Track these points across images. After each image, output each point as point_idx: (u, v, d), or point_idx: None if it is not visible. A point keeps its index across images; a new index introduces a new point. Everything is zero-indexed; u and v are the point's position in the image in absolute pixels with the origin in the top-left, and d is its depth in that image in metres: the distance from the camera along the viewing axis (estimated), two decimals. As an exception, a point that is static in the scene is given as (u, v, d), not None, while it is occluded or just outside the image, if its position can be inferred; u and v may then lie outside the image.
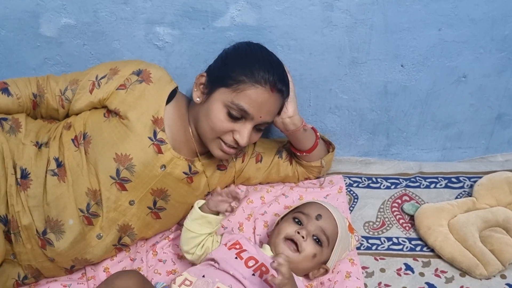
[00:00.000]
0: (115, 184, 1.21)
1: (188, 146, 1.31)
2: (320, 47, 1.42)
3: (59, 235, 1.19)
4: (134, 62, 1.29)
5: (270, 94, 1.19)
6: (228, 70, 1.21)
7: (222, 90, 1.20)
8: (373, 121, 1.59)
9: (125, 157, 1.20)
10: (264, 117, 1.21)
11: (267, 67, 1.19)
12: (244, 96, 1.18)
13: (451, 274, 1.29)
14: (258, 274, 1.14)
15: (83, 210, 1.21)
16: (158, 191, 1.26)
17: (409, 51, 1.43)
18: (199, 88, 1.26)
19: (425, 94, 1.52)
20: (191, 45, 1.41)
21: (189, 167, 1.29)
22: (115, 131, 1.22)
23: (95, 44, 1.41)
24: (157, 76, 1.26)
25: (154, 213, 1.29)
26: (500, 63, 1.46)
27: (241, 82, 1.18)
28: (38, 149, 1.23)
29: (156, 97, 1.25)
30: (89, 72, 1.29)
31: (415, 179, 1.56)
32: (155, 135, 1.23)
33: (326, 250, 1.22)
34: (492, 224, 1.36)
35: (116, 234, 1.26)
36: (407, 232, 1.41)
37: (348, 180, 1.57)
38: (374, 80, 1.49)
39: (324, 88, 1.51)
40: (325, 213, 1.24)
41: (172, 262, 1.33)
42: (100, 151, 1.21)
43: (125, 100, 1.23)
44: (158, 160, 1.23)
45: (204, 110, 1.23)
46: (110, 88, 1.25)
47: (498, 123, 1.60)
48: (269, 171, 1.49)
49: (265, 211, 1.45)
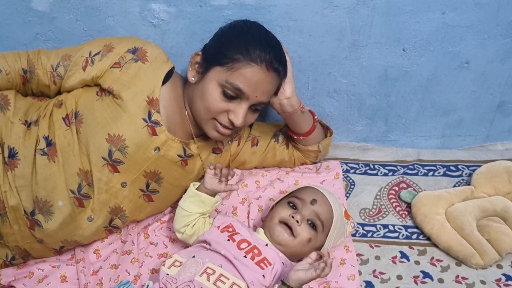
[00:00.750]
0: (107, 165, 1.18)
1: (183, 128, 1.28)
2: (320, 29, 1.38)
3: (47, 216, 1.17)
4: (130, 39, 1.25)
5: (266, 73, 1.16)
6: (223, 48, 1.17)
7: (217, 69, 1.17)
8: (372, 106, 1.56)
9: (117, 138, 1.17)
10: (259, 97, 1.18)
11: (263, 46, 1.16)
12: (239, 75, 1.14)
13: (447, 263, 1.27)
14: (250, 256, 1.13)
15: (74, 191, 1.18)
16: (151, 174, 1.23)
17: (411, 35, 1.39)
18: (194, 67, 1.23)
19: (426, 80, 1.49)
20: (187, 23, 1.37)
21: (184, 149, 1.26)
22: (108, 111, 1.19)
23: (88, 20, 1.37)
24: (153, 55, 1.23)
25: (146, 196, 1.26)
26: (504, 50, 1.43)
27: (236, 60, 1.15)
28: (27, 127, 1.19)
29: (152, 77, 1.21)
30: (82, 48, 1.24)
31: (413, 167, 1.54)
32: (150, 116, 1.19)
33: (321, 235, 1.20)
34: (489, 214, 1.34)
35: (107, 216, 1.23)
36: (403, 219, 1.39)
37: (345, 166, 1.55)
38: (375, 64, 1.46)
39: (323, 71, 1.48)
40: (320, 198, 1.22)
41: (164, 245, 1.31)
42: (92, 131, 1.18)
43: (119, 79, 1.19)
44: (152, 142, 1.20)
45: (199, 89, 1.20)
46: (104, 66, 1.21)
47: (499, 111, 1.58)
48: (265, 155, 1.46)
49: (260, 196, 1.43)
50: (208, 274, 1.08)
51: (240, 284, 1.09)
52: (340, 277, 1.22)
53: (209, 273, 1.09)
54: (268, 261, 1.14)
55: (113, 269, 1.25)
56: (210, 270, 1.09)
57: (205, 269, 1.09)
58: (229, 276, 1.09)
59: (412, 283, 1.23)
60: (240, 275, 1.10)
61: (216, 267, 1.10)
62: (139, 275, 1.23)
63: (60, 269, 1.23)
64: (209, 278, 1.08)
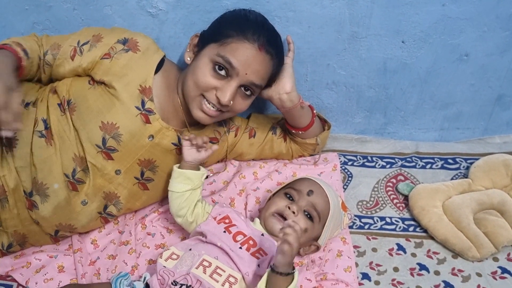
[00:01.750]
0: (101, 153, 1.18)
1: (177, 116, 1.28)
2: (319, 20, 1.37)
3: (44, 198, 1.17)
4: (118, 30, 1.25)
5: (258, 52, 1.16)
6: (219, 27, 1.20)
7: (210, 46, 1.18)
8: (370, 98, 1.55)
9: (111, 126, 1.17)
10: (249, 75, 1.17)
11: (258, 28, 1.18)
12: (230, 49, 1.15)
13: (443, 256, 1.28)
14: (245, 247, 1.14)
15: (69, 175, 1.18)
16: (145, 162, 1.23)
17: (411, 27, 1.38)
18: (192, 49, 1.24)
19: (425, 72, 1.48)
20: (185, 13, 1.36)
21: (178, 138, 1.26)
22: (101, 99, 1.19)
23: (85, 9, 1.36)
24: (144, 45, 1.22)
25: (141, 184, 1.26)
26: (503, 42, 1.42)
27: (229, 36, 1.16)
28: (24, 107, 1.18)
29: (144, 66, 1.21)
30: (70, 37, 1.23)
31: (411, 159, 1.53)
32: (143, 105, 1.19)
33: (318, 226, 1.21)
34: (487, 207, 1.35)
35: (101, 202, 1.23)
36: (400, 212, 1.39)
37: (343, 158, 1.54)
38: (374, 56, 1.45)
39: (322, 63, 1.47)
40: (317, 189, 1.22)
41: (161, 236, 1.31)
42: (85, 119, 1.18)
43: (110, 70, 1.19)
44: (146, 130, 1.20)
45: (192, 68, 1.21)
46: (93, 57, 1.20)
47: (498, 104, 1.57)
48: (262, 147, 1.46)
49: (258, 187, 1.42)
50: (204, 266, 1.09)
51: (236, 275, 1.09)
52: (337, 269, 1.23)
53: (205, 265, 1.09)
54: (263, 251, 1.14)
55: (111, 260, 1.25)
56: (206, 263, 1.09)
57: (201, 262, 1.09)
58: (225, 268, 1.09)
59: (408, 275, 1.23)
60: (236, 267, 1.10)
61: (212, 259, 1.10)
62: (136, 266, 1.23)
63: (57, 259, 1.23)
64: (205, 270, 1.08)
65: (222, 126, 1.39)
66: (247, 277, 1.09)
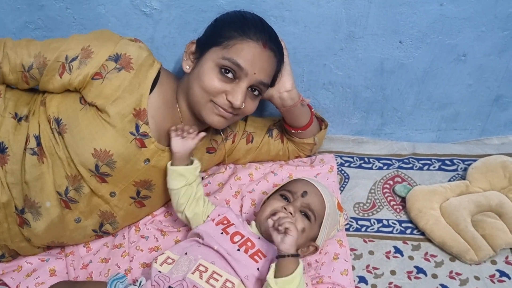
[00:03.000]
0: (95, 176, 1.14)
1: None
2: (316, 20, 1.36)
3: (36, 216, 1.14)
4: (110, 41, 1.13)
5: (263, 49, 1.14)
6: (218, 30, 1.15)
7: (212, 50, 1.14)
8: (367, 99, 1.54)
9: (104, 153, 1.11)
10: (258, 74, 1.14)
11: (258, 26, 1.15)
12: (235, 50, 1.12)
13: (441, 259, 1.26)
14: (244, 249, 1.12)
15: (61, 193, 1.14)
16: (141, 182, 1.20)
17: (408, 27, 1.37)
18: (189, 57, 1.19)
19: (423, 73, 1.47)
20: (180, 12, 1.34)
21: None
22: (94, 124, 1.11)
23: (78, 8, 1.34)
24: (138, 61, 1.13)
25: (138, 202, 1.24)
26: (501, 42, 1.41)
27: (232, 37, 1.12)
28: (17, 122, 1.14)
29: (138, 87, 1.13)
30: (58, 49, 1.12)
31: (408, 160, 1.52)
32: (138, 129, 1.13)
33: (314, 226, 1.19)
34: (484, 209, 1.33)
35: (97, 220, 1.20)
36: (397, 214, 1.38)
37: (339, 159, 1.53)
38: (371, 56, 1.43)
39: (318, 63, 1.45)
40: (311, 190, 1.21)
41: (155, 239, 1.29)
42: (77, 143, 1.11)
43: (102, 93, 1.10)
44: (141, 154, 1.16)
45: (195, 74, 1.16)
46: (84, 75, 1.10)
47: (496, 105, 1.56)
48: (259, 150, 1.44)
49: (253, 189, 1.41)
50: (201, 271, 1.07)
51: (233, 280, 1.07)
52: (333, 272, 1.21)
53: (201, 270, 1.07)
54: (262, 253, 1.13)
55: (103, 263, 1.23)
56: (203, 268, 1.07)
57: (197, 266, 1.07)
58: (222, 273, 1.07)
59: (405, 279, 1.22)
60: (234, 271, 1.08)
61: (208, 264, 1.08)
62: (129, 269, 1.21)
63: (49, 262, 1.22)
64: (202, 275, 1.06)
65: (219, 134, 1.37)
66: (247, 280, 1.07)
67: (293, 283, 1.01)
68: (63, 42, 1.14)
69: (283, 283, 1.00)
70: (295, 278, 1.01)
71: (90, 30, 1.30)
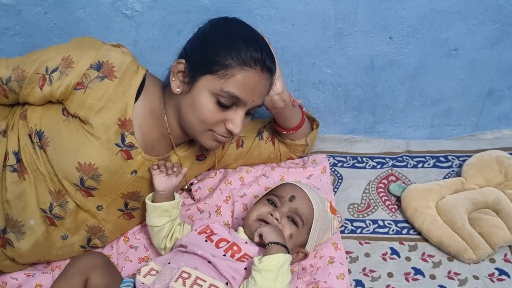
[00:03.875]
0: (80, 191, 1.10)
1: (163, 142, 1.19)
2: (303, 17, 1.32)
3: (19, 236, 1.09)
4: (91, 49, 1.08)
5: (261, 75, 1.08)
6: (211, 54, 1.07)
7: (207, 78, 1.06)
8: (358, 97, 1.50)
9: (89, 167, 1.07)
10: (256, 101, 1.10)
11: (253, 46, 1.07)
12: (234, 82, 1.05)
13: (439, 259, 1.23)
14: (230, 254, 1.09)
15: (46, 210, 1.10)
16: (129, 194, 1.16)
17: (398, 22, 1.34)
18: (177, 77, 1.11)
19: (414, 69, 1.44)
20: (163, 14, 1.30)
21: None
22: (77, 136, 1.07)
23: (57, 12, 1.29)
24: (122, 68, 1.08)
25: (126, 214, 1.20)
26: (493, 35, 1.38)
27: (228, 66, 1.05)
28: None
29: (122, 96, 1.08)
30: (37, 61, 1.08)
31: (402, 159, 1.49)
32: (123, 140, 1.09)
33: (303, 231, 1.16)
34: (481, 206, 1.31)
35: (84, 235, 1.16)
36: (393, 214, 1.35)
37: (332, 160, 1.50)
38: (361, 54, 1.40)
39: (307, 62, 1.42)
40: (299, 194, 1.18)
41: (145, 249, 1.25)
42: (60, 157, 1.07)
43: (85, 103, 1.06)
44: (128, 166, 1.12)
45: (189, 101, 1.09)
46: (65, 86, 1.06)
47: (489, 99, 1.54)
48: (249, 154, 1.41)
49: (245, 193, 1.37)
50: (184, 278, 1.03)
51: (218, 284, 1.04)
52: (329, 277, 1.18)
53: (184, 277, 1.03)
54: (249, 256, 1.10)
55: (91, 276, 1.19)
56: (186, 274, 1.04)
57: (180, 274, 1.04)
58: (206, 278, 1.04)
59: (403, 281, 1.19)
60: (219, 273, 1.05)
61: (191, 270, 1.05)
62: (119, 281, 1.17)
63: (35, 277, 1.17)
64: (185, 282, 1.02)
65: None
66: (234, 281, 1.05)
67: (277, 261, 1.00)
68: (43, 53, 1.10)
69: (266, 261, 1.00)
70: (278, 257, 1.01)
71: (70, 35, 1.27)
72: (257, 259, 1.02)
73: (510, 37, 1.39)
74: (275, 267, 1.00)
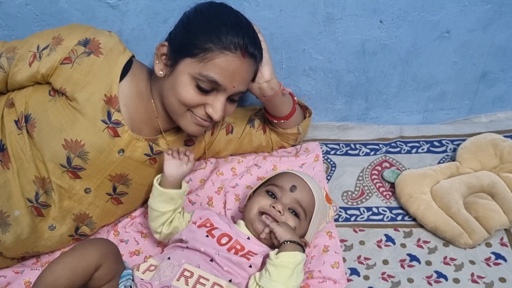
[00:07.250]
0: (67, 172, 1.08)
1: (150, 124, 1.17)
2: (292, 2, 1.29)
3: (5, 228, 1.07)
4: (80, 29, 1.12)
5: (242, 60, 1.05)
6: (192, 37, 1.05)
7: (187, 61, 1.05)
8: (350, 83, 1.48)
9: (76, 144, 1.06)
10: (237, 87, 1.08)
11: (235, 30, 1.04)
12: (213, 66, 1.03)
13: (434, 244, 1.22)
14: (233, 252, 1.06)
15: (31, 199, 1.08)
16: (117, 177, 1.14)
17: (388, 5, 1.31)
18: (161, 59, 1.10)
19: (406, 53, 1.41)
20: (148, 2, 1.27)
21: (151, 147, 1.17)
22: (63, 114, 1.07)
23: (39, 3, 1.26)
24: (108, 46, 1.10)
25: (114, 199, 1.17)
26: (486, 16, 1.35)
27: (208, 50, 1.03)
28: None
29: (108, 72, 1.09)
30: (29, 41, 1.11)
31: (396, 144, 1.47)
32: (109, 117, 1.08)
33: (304, 223, 1.14)
34: (476, 190, 1.29)
35: (71, 224, 1.14)
36: (387, 201, 1.33)
37: (325, 147, 1.47)
38: (351, 39, 1.37)
39: (297, 48, 1.39)
40: (300, 184, 1.15)
41: (135, 242, 1.23)
42: (46, 136, 1.07)
43: (71, 78, 1.07)
44: (115, 144, 1.10)
45: (170, 84, 1.08)
46: (52, 62, 1.08)
47: (483, 82, 1.51)
48: (240, 141, 1.38)
49: (237, 184, 1.35)
50: (186, 277, 1.01)
51: (221, 283, 1.02)
52: (324, 266, 1.16)
53: (186, 276, 1.01)
54: (253, 253, 1.08)
55: (82, 271, 1.17)
56: (188, 273, 1.01)
57: (182, 272, 1.01)
58: (209, 277, 1.02)
59: (399, 267, 1.17)
60: (222, 270, 1.03)
61: (193, 268, 1.02)
62: (110, 276, 1.15)
63: (23, 274, 1.15)
64: (188, 281, 1.00)
65: None
66: (238, 277, 1.03)
67: (294, 259, 1.01)
68: (35, 35, 1.14)
69: (284, 257, 1.00)
70: (296, 256, 1.01)
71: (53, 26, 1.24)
72: (273, 253, 1.02)
73: (503, 17, 1.36)
74: (292, 265, 1.00)
